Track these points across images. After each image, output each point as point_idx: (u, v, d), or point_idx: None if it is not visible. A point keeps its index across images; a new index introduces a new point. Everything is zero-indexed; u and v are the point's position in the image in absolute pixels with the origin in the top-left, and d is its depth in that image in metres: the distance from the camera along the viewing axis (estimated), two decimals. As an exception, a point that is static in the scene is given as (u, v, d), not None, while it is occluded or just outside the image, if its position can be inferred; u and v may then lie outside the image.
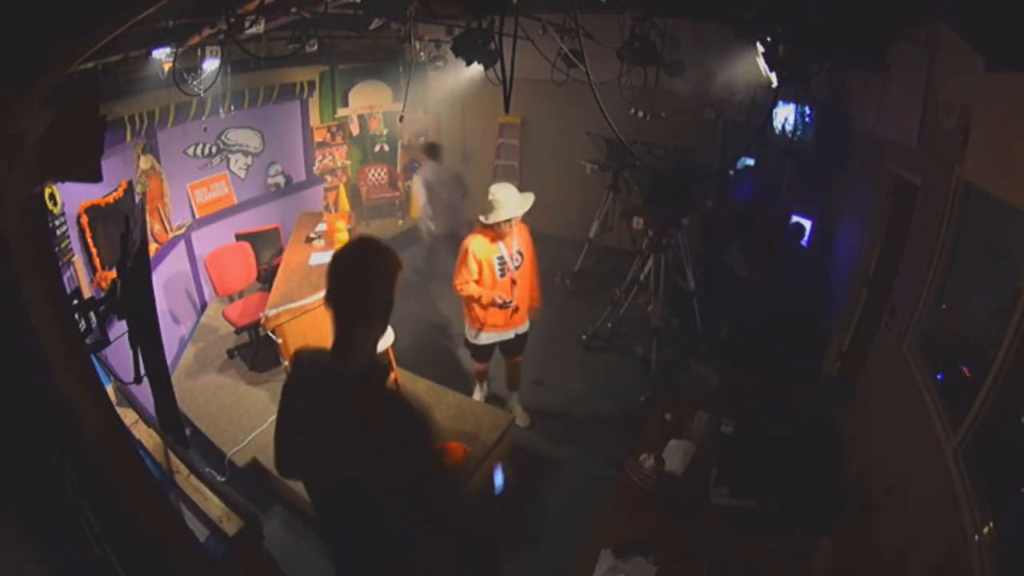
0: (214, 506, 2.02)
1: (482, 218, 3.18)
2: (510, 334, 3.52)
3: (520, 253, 3.32)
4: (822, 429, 3.42)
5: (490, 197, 3.14)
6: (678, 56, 4.70)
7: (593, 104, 1.64)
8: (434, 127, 7.30)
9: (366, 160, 7.04)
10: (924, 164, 2.95)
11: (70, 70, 1.20)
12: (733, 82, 4.83)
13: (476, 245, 3.19)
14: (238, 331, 4.22)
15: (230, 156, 5.42)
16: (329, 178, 6.51)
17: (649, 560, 2.13)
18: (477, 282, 3.24)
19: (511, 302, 3.31)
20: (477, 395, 4.01)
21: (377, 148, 7.01)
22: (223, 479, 3.23)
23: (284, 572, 2.26)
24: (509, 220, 3.13)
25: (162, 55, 3.46)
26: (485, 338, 3.49)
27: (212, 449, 3.44)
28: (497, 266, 3.25)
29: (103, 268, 3.42)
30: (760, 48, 2.85)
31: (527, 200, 3.21)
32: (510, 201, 3.12)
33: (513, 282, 3.31)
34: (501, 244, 3.23)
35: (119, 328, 1.58)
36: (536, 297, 3.58)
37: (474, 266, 3.19)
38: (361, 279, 1.48)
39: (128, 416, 2.38)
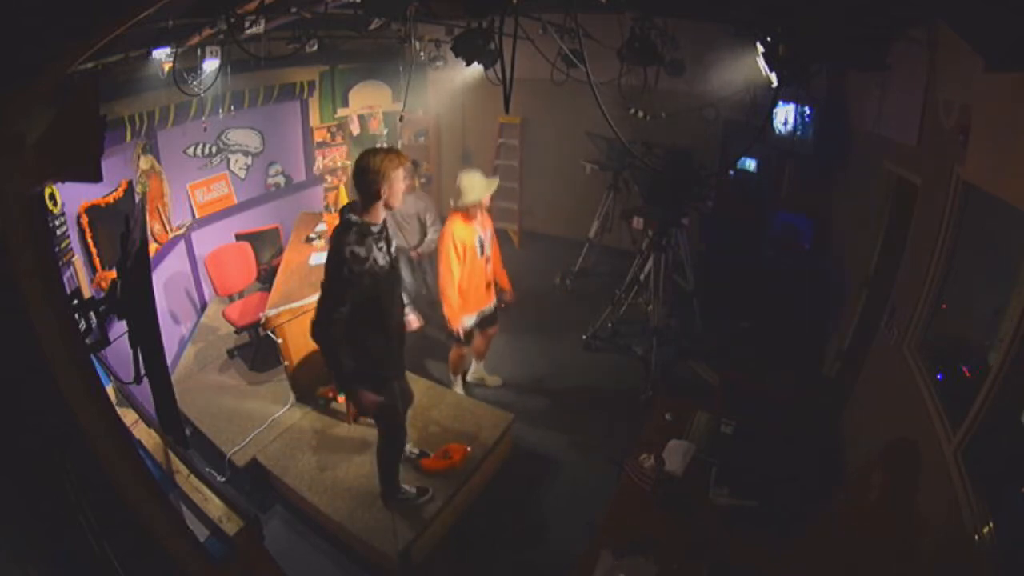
0: (214, 506, 2.02)
1: (453, 202, 3.45)
2: (491, 307, 3.80)
3: (487, 235, 3.63)
4: (822, 429, 3.42)
5: (458, 183, 3.40)
6: (678, 56, 4.70)
7: (593, 104, 1.64)
8: (434, 127, 7.30)
9: (366, 160, 7.04)
10: (924, 164, 2.95)
11: (70, 70, 1.20)
12: (733, 82, 4.83)
13: (458, 228, 3.42)
14: (238, 331, 4.22)
15: (230, 156, 5.41)
16: (329, 178, 6.51)
17: (649, 560, 2.13)
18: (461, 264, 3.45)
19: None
20: (459, 388, 4.10)
21: (377, 148, 7.02)
22: (223, 479, 3.24)
23: (284, 572, 2.26)
24: (477, 202, 3.39)
25: (162, 55, 3.46)
26: (470, 320, 3.69)
27: (212, 449, 3.44)
28: (478, 246, 3.50)
29: (103, 268, 3.42)
30: (760, 48, 2.85)
31: (492, 184, 3.47)
32: (477, 185, 3.38)
33: (488, 260, 3.63)
34: (476, 226, 3.49)
35: (119, 328, 1.58)
36: (504, 278, 3.89)
37: (460, 248, 3.41)
38: (360, 171, 2.29)
39: (128, 416, 2.39)
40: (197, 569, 1.47)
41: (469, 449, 3.27)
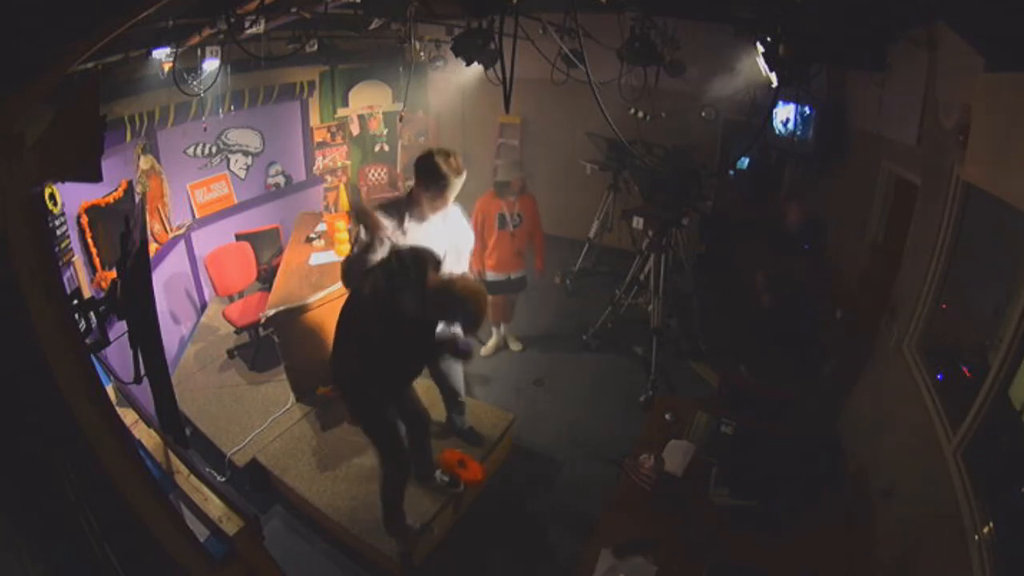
0: (214, 506, 2.01)
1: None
2: (517, 275, 4.30)
3: (519, 215, 4.16)
4: (822, 429, 3.42)
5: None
6: (678, 56, 4.69)
7: (593, 104, 1.64)
8: (434, 127, 7.30)
9: (366, 160, 7.03)
10: (924, 164, 2.95)
11: (70, 70, 1.20)
12: (733, 82, 4.82)
13: (482, 202, 4.12)
14: (238, 331, 4.22)
15: (230, 156, 5.41)
16: (329, 178, 6.51)
17: (649, 560, 2.13)
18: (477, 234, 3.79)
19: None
20: (494, 339, 4.66)
21: (377, 148, 7.01)
22: (223, 479, 3.24)
23: (284, 572, 2.25)
24: (507, 184, 4.05)
25: (162, 55, 3.46)
26: (492, 275, 4.21)
27: (212, 449, 3.44)
28: (497, 220, 4.10)
29: (103, 268, 3.42)
30: (760, 48, 2.85)
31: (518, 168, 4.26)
32: (501, 171, 4.26)
33: (512, 235, 4.14)
34: (503, 203, 4.10)
35: (119, 328, 1.58)
36: (538, 256, 4.41)
37: (479, 218, 4.05)
38: None
39: (128, 416, 2.38)
40: (197, 569, 1.47)
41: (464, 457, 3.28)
